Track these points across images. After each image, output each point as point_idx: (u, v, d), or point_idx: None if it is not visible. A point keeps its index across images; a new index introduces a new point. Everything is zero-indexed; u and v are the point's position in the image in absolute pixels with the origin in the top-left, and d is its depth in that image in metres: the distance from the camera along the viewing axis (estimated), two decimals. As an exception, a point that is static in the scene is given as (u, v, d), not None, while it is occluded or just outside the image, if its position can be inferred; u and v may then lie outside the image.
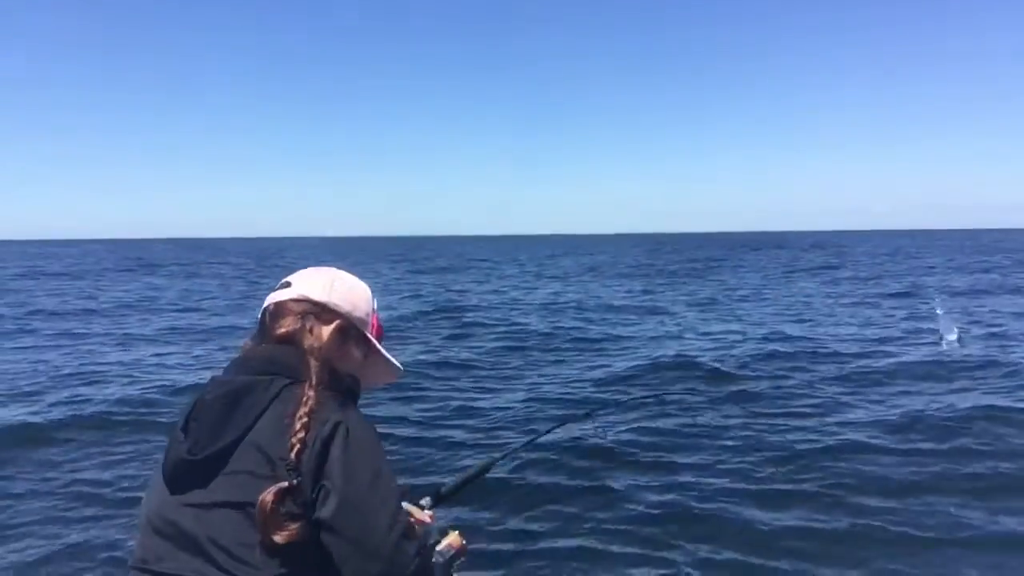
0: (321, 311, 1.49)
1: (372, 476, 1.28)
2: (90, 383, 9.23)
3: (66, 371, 10.01)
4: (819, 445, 6.28)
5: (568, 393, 8.55)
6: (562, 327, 14.18)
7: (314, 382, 1.35)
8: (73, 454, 6.35)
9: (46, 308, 18.48)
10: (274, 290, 1.54)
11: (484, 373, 9.95)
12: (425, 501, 1.76)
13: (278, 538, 1.22)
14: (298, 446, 1.26)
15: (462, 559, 1.59)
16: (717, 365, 9.72)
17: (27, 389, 8.88)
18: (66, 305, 19.43)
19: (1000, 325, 13.22)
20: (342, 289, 1.54)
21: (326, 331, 1.48)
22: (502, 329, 14.13)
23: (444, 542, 1.57)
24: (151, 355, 11.39)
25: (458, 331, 13.97)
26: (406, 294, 22.37)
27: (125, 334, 13.72)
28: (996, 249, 53.32)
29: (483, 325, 14.70)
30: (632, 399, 7.31)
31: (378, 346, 1.58)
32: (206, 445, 1.30)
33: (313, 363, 1.38)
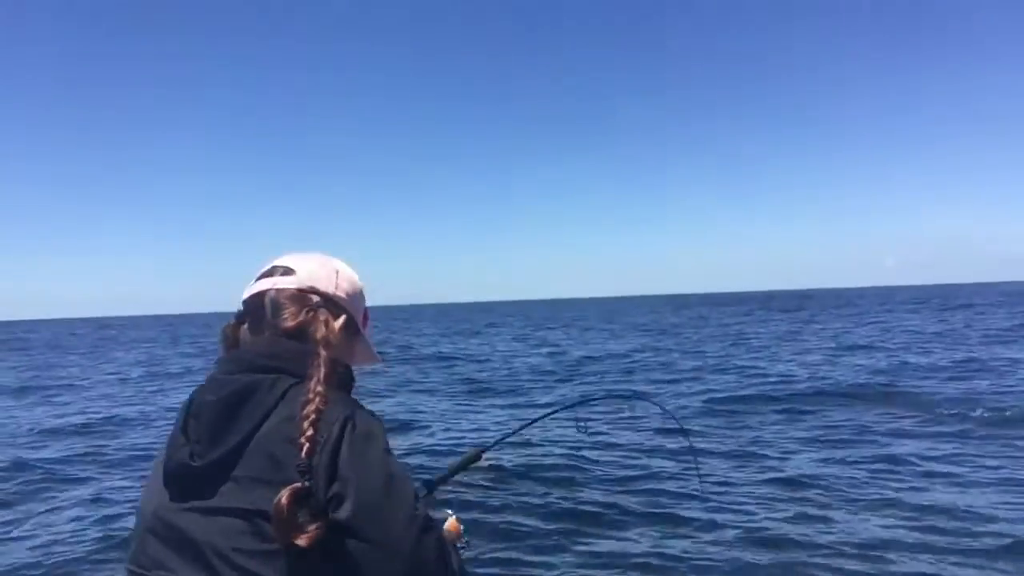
0: (328, 303, 1.42)
1: (385, 477, 1.23)
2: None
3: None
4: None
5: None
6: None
7: (323, 377, 1.27)
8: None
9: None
10: (266, 275, 1.44)
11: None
12: (420, 489, 1.80)
13: (301, 541, 1.14)
14: (308, 445, 1.19)
15: (464, 540, 1.67)
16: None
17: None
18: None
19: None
20: (345, 281, 1.48)
21: (337, 325, 1.41)
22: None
23: (442, 527, 1.61)
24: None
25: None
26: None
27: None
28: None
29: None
30: (608, 395, 9.31)
31: (368, 340, 1.55)
32: (208, 450, 1.23)
33: (324, 356, 1.30)
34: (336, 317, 1.42)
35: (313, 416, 1.20)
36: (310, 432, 1.19)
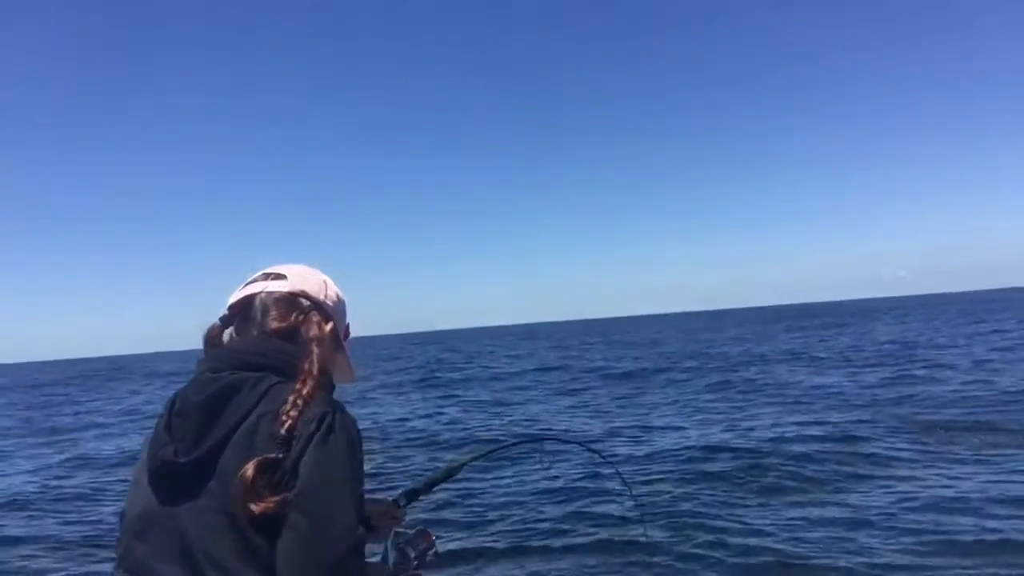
0: (317, 309, 1.46)
1: (345, 477, 1.23)
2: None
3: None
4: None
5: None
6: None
7: (315, 371, 1.31)
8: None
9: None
10: (254, 280, 1.49)
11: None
12: (401, 499, 1.88)
13: (254, 507, 1.16)
14: (289, 423, 1.21)
15: (432, 551, 1.72)
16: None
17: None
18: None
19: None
20: (332, 291, 1.53)
21: (326, 329, 1.46)
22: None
23: (416, 537, 1.70)
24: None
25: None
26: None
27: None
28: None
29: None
30: (573, 438, 8.97)
31: (347, 354, 1.58)
32: (193, 447, 1.23)
33: (317, 353, 1.35)
34: (326, 323, 1.47)
35: (300, 402, 1.24)
36: (294, 412, 1.22)
